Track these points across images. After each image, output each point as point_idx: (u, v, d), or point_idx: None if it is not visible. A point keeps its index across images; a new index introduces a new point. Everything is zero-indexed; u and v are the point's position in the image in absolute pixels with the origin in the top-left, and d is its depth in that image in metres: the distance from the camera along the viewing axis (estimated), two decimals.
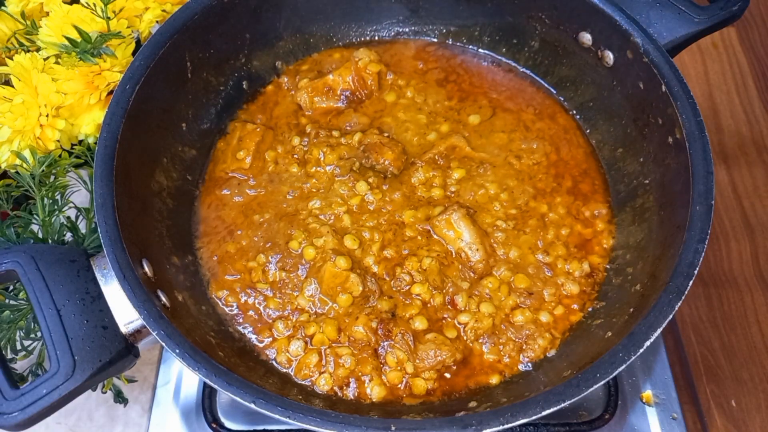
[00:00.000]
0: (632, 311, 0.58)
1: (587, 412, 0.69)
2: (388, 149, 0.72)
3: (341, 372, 0.61)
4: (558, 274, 0.67)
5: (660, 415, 0.70)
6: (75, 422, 0.74)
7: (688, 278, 0.53)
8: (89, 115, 0.71)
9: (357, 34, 0.83)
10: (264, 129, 0.75)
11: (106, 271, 0.57)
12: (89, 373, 0.54)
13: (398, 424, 0.48)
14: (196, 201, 0.72)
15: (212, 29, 0.71)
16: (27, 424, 0.53)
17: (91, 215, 0.69)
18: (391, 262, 0.67)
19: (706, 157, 0.58)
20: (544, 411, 0.48)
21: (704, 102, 0.94)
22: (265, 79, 0.81)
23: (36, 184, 0.67)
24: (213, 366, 0.51)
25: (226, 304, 0.66)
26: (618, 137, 0.72)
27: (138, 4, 0.73)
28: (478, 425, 0.48)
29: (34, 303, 0.55)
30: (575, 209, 0.71)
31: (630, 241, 0.67)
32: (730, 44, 1.00)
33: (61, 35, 0.68)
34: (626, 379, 0.71)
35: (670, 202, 0.62)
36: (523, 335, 0.63)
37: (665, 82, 0.62)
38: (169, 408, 0.72)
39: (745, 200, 0.86)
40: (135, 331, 0.57)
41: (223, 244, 0.69)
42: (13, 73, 0.68)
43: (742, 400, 0.73)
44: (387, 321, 0.63)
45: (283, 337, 0.64)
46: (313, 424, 0.48)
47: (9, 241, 0.65)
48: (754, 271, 0.81)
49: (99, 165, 0.58)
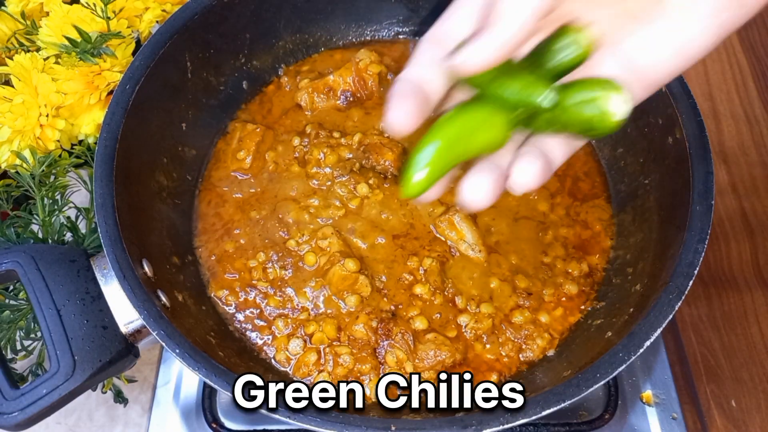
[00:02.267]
0: (632, 311, 0.58)
1: (587, 412, 0.69)
2: (388, 150, 0.72)
3: (340, 371, 0.61)
4: (557, 275, 0.67)
5: (660, 415, 0.70)
6: (75, 422, 0.74)
7: (689, 278, 0.53)
8: (89, 115, 0.71)
9: (357, 34, 0.83)
10: (264, 129, 0.75)
11: (106, 271, 0.57)
12: (89, 373, 0.54)
13: (398, 424, 0.48)
14: (195, 200, 0.72)
15: (212, 29, 0.71)
16: (27, 424, 0.53)
17: (91, 215, 0.69)
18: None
19: (706, 157, 0.58)
20: (544, 411, 0.48)
21: (704, 102, 0.94)
22: (265, 79, 0.81)
23: (36, 184, 0.67)
24: (213, 366, 0.51)
25: (226, 304, 0.66)
26: (618, 137, 0.72)
27: (138, 4, 0.73)
28: (478, 425, 0.48)
29: (34, 303, 0.55)
30: (574, 210, 0.71)
31: (630, 241, 0.67)
32: (730, 44, 1.00)
33: (61, 35, 0.68)
34: (626, 379, 0.71)
35: (670, 202, 0.62)
36: (522, 335, 0.64)
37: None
38: (169, 408, 0.72)
39: (745, 200, 0.86)
40: (135, 331, 0.57)
41: (222, 242, 0.69)
42: (13, 73, 0.68)
43: (742, 400, 0.73)
44: (387, 320, 0.63)
45: (282, 335, 0.64)
46: (313, 424, 0.48)
47: (9, 241, 0.65)
48: (754, 272, 0.81)
49: (99, 165, 0.58)
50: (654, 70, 0.40)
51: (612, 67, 0.39)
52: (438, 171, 0.39)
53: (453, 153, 0.39)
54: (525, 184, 0.40)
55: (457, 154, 0.39)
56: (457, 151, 0.39)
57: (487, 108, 0.39)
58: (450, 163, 0.39)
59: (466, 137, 0.39)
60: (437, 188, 0.42)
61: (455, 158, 0.39)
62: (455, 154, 0.39)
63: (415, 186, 0.38)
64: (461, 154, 0.39)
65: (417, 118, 0.38)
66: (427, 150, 0.38)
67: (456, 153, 0.39)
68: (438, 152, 0.38)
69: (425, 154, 0.38)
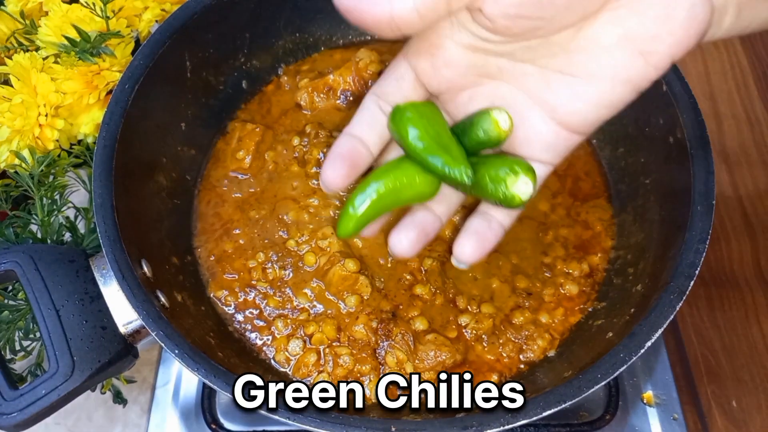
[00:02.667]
0: (633, 311, 0.58)
1: (588, 412, 0.69)
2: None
3: (340, 371, 0.61)
4: (557, 275, 0.66)
5: (661, 416, 0.70)
6: (74, 423, 0.74)
7: (689, 278, 0.53)
8: (88, 114, 0.71)
9: (357, 33, 0.83)
10: (264, 129, 0.75)
11: (105, 271, 0.57)
12: (88, 373, 0.54)
13: (398, 425, 0.48)
14: (194, 200, 0.72)
15: (212, 29, 0.71)
16: (26, 425, 0.53)
17: (90, 215, 0.69)
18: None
19: (706, 157, 0.58)
20: (544, 412, 0.48)
21: (705, 102, 0.94)
22: (265, 78, 0.80)
23: (35, 184, 0.67)
24: (212, 366, 0.51)
25: (225, 304, 0.66)
26: (619, 137, 0.72)
27: (137, 3, 0.73)
28: (478, 426, 0.48)
29: (33, 303, 0.54)
30: (575, 210, 0.71)
31: (631, 241, 0.67)
32: (731, 44, 1.00)
33: (60, 35, 0.68)
34: (627, 380, 0.71)
35: (671, 202, 0.62)
36: (522, 336, 0.63)
37: (666, 82, 0.62)
38: (168, 408, 0.72)
39: (746, 200, 0.86)
40: (134, 332, 0.57)
41: (221, 243, 0.69)
42: (12, 73, 0.68)
43: (743, 401, 0.73)
44: (387, 321, 0.63)
45: (282, 335, 0.64)
46: (313, 424, 0.48)
47: (8, 241, 0.65)
48: (755, 272, 0.81)
49: (98, 165, 0.58)
50: (577, 120, 0.42)
51: (537, 122, 0.43)
52: (369, 217, 0.44)
53: (384, 203, 0.44)
54: (465, 261, 0.45)
55: (388, 204, 0.44)
56: (387, 202, 0.44)
57: (418, 167, 0.44)
58: (381, 210, 0.45)
59: (397, 190, 0.44)
60: (373, 227, 0.47)
61: (386, 207, 0.45)
62: (386, 203, 0.44)
63: (348, 229, 0.44)
64: (392, 204, 0.45)
65: (347, 180, 0.43)
66: (360, 197, 0.44)
67: (387, 203, 0.44)
68: (371, 202, 0.44)
69: (359, 201, 0.44)
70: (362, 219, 0.44)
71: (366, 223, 0.44)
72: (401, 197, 0.44)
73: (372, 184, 0.44)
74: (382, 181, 0.44)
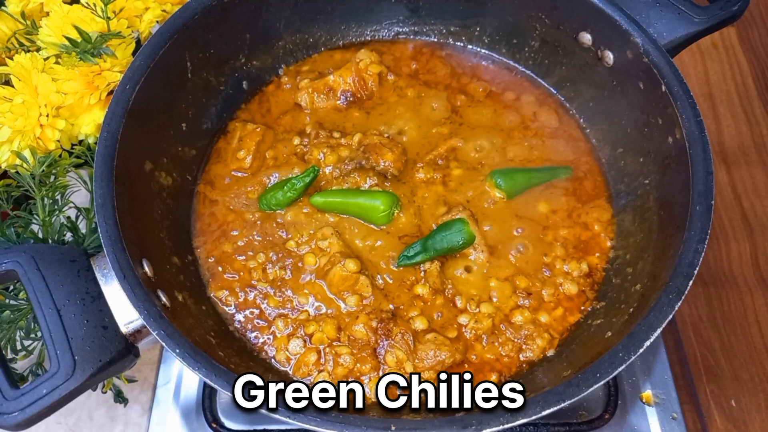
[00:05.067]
0: (632, 311, 0.58)
1: (587, 411, 0.69)
2: (388, 150, 0.72)
3: (340, 371, 0.61)
4: (557, 275, 0.67)
5: (660, 415, 0.70)
6: (75, 422, 0.74)
7: (688, 278, 0.53)
8: (89, 115, 0.71)
9: (357, 34, 0.83)
10: (264, 129, 0.75)
11: (106, 271, 0.57)
12: (89, 372, 0.54)
13: (398, 424, 0.48)
14: (195, 200, 0.72)
15: (212, 29, 0.71)
16: (27, 424, 0.53)
17: (91, 215, 0.69)
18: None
19: (705, 157, 0.58)
20: (543, 411, 0.48)
21: (704, 102, 0.94)
22: (265, 79, 0.81)
23: (36, 184, 0.67)
24: (213, 366, 0.51)
25: (225, 304, 0.66)
26: (618, 137, 0.72)
27: (138, 4, 0.73)
28: (478, 425, 0.48)
29: (34, 303, 0.55)
30: (575, 211, 0.71)
31: (630, 240, 0.67)
32: (730, 44, 1.00)
33: (61, 35, 0.68)
34: (626, 379, 0.71)
35: (670, 202, 0.62)
36: (522, 335, 0.64)
37: (665, 82, 0.62)
38: (169, 408, 0.72)
39: (744, 200, 0.86)
40: (135, 331, 0.57)
41: (219, 244, 0.69)
42: (13, 73, 0.68)
43: (742, 400, 0.73)
44: (387, 321, 0.63)
45: (282, 335, 0.64)
46: (313, 423, 0.48)
47: (9, 241, 0.65)
48: (754, 272, 0.81)
49: (99, 165, 0.58)
50: None
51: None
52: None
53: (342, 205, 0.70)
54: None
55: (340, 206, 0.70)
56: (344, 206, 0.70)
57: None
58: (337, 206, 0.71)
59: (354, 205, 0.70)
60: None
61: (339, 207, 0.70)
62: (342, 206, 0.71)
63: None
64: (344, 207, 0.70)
65: None
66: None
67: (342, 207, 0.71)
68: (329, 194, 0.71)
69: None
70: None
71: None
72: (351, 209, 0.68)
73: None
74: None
